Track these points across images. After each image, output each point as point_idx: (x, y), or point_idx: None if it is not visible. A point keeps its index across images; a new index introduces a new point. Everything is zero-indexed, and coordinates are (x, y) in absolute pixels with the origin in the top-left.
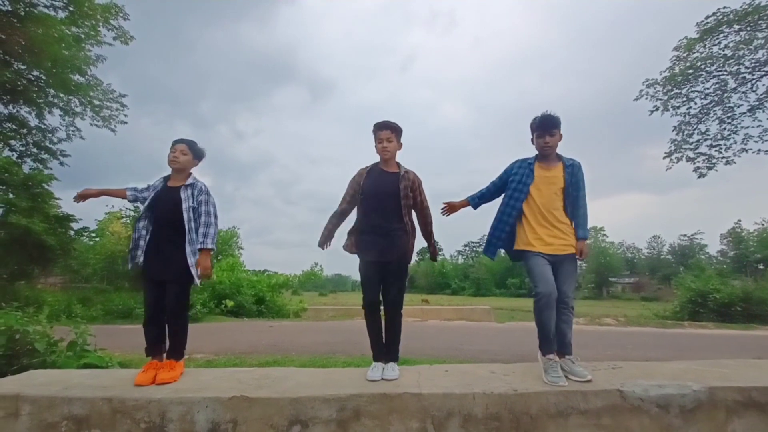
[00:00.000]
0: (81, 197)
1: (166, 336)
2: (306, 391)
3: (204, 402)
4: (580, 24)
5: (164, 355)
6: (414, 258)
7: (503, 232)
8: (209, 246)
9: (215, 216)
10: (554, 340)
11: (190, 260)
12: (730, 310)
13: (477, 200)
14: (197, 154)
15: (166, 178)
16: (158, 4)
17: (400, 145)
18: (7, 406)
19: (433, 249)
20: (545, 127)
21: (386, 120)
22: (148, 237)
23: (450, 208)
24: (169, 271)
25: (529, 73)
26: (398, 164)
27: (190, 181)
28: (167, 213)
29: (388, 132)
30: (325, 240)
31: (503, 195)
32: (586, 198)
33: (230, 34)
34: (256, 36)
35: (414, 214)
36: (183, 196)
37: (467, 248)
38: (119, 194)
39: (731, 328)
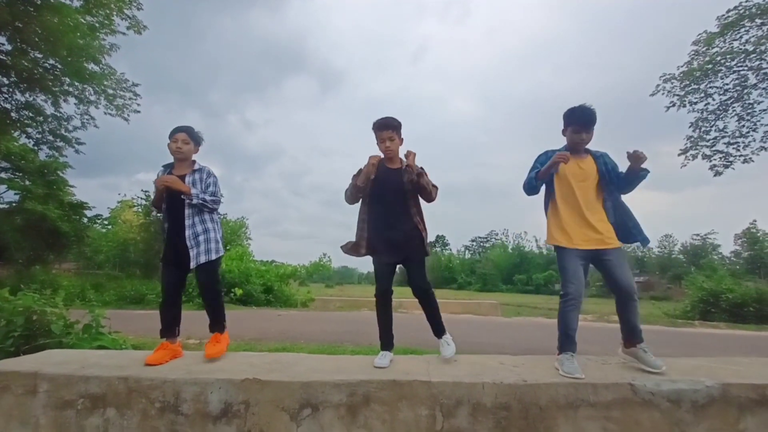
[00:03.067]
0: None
1: (180, 318)
2: (317, 375)
3: (217, 383)
4: (594, 15)
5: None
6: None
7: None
8: (205, 198)
9: (220, 194)
10: (574, 340)
11: (200, 239)
12: (742, 310)
13: (543, 181)
14: (197, 141)
15: (168, 167)
16: None
17: (401, 141)
18: (26, 383)
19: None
20: (585, 123)
21: (385, 118)
22: (167, 227)
23: (563, 158)
24: (186, 253)
25: (542, 65)
26: (401, 160)
27: (196, 166)
28: (174, 200)
29: (389, 131)
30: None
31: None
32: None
33: (241, 23)
34: (267, 24)
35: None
36: (188, 180)
37: (474, 243)
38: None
39: (744, 328)
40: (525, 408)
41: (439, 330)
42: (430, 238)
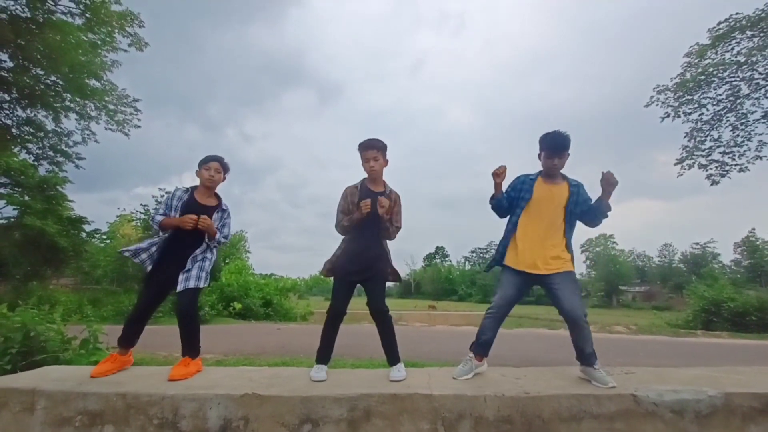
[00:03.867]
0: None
1: (141, 333)
2: (316, 390)
3: (216, 399)
4: (589, 26)
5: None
6: (420, 264)
7: (501, 246)
8: (220, 240)
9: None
10: (484, 345)
11: (196, 266)
12: (744, 319)
13: (498, 200)
14: (227, 170)
15: (192, 189)
16: (167, 6)
17: (386, 162)
18: (24, 400)
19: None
20: (556, 149)
21: (371, 139)
22: (164, 243)
23: (501, 172)
24: (184, 278)
25: (538, 77)
26: (384, 183)
27: (224, 206)
28: (191, 231)
29: (374, 152)
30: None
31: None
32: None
33: (239, 37)
34: (265, 38)
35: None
36: (215, 217)
37: (474, 254)
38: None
39: (746, 337)
40: (528, 421)
41: (393, 357)
42: (430, 249)
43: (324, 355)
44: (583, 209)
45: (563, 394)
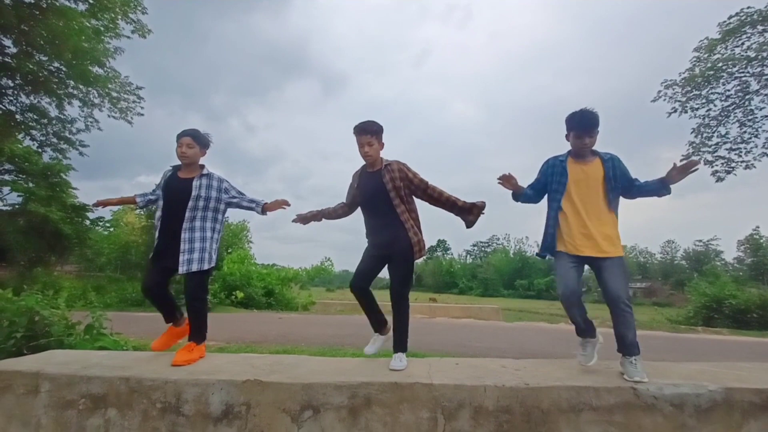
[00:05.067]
0: (102, 204)
1: (175, 304)
2: (318, 377)
3: (218, 384)
4: (595, 20)
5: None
6: (424, 258)
7: (549, 235)
8: (263, 201)
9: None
10: (585, 329)
11: (196, 246)
12: (745, 316)
13: (523, 196)
14: (203, 143)
15: (177, 168)
16: None
17: (381, 146)
18: (28, 383)
19: (469, 210)
20: (586, 128)
21: (365, 123)
22: (159, 226)
23: (506, 180)
24: (185, 260)
25: (544, 70)
26: (382, 160)
27: (205, 172)
28: (176, 202)
29: (368, 136)
30: (306, 218)
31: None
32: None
33: (243, 26)
34: (269, 27)
35: (425, 198)
36: (195, 184)
37: (476, 248)
38: (130, 201)
39: (747, 334)
40: (527, 411)
41: (396, 342)
42: (431, 242)
43: (374, 323)
44: (626, 184)
45: (563, 385)
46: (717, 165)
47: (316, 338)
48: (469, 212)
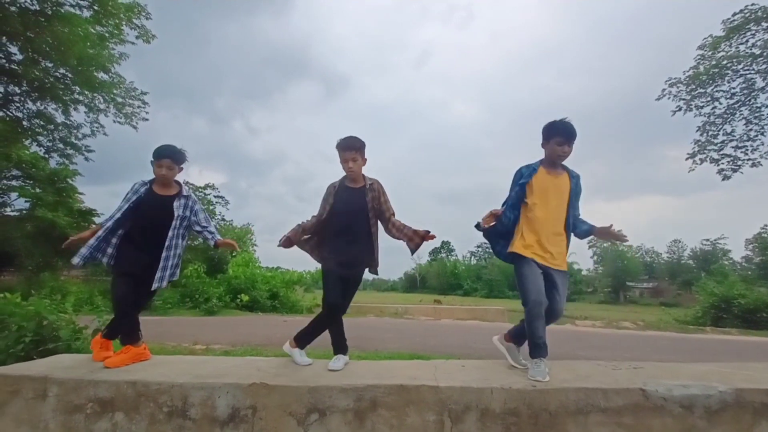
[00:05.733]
0: (74, 243)
1: (139, 323)
2: (324, 380)
3: (225, 388)
4: (596, 19)
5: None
6: (426, 258)
7: (500, 224)
8: (218, 237)
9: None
10: (545, 346)
11: (170, 263)
12: (755, 316)
13: (503, 221)
14: (180, 162)
15: (150, 182)
16: None
17: (364, 161)
18: (36, 387)
19: (416, 239)
20: (569, 136)
21: (348, 139)
22: (118, 239)
23: (489, 219)
24: (149, 271)
25: (545, 70)
26: (363, 177)
27: (184, 192)
28: (154, 219)
29: (352, 152)
30: (289, 240)
31: (510, 192)
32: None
33: (245, 28)
34: (271, 30)
35: (382, 222)
36: (176, 204)
37: (480, 249)
38: (96, 230)
39: (756, 334)
40: (534, 414)
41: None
42: (436, 243)
43: (338, 345)
44: (575, 205)
45: (570, 387)
46: (723, 163)
47: (321, 341)
48: (416, 245)
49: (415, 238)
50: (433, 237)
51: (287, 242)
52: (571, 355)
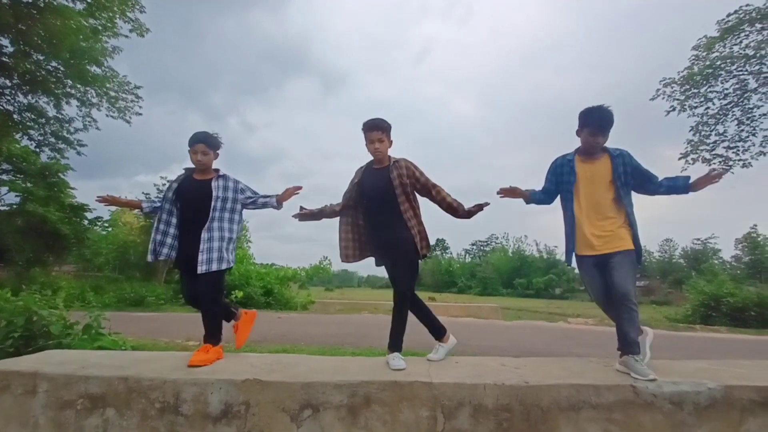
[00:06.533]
0: (107, 201)
1: (227, 308)
2: (317, 376)
3: (218, 384)
4: (595, 16)
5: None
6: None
7: (569, 240)
8: (275, 195)
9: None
10: (634, 340)
11: (214, 245)
12: (743, 314)
13: (534, 199)
14: (215, 147)
15: (191, 170)
16: None
17: (390, 143)
18: (26, 383)
19: (469, 211)
20: (603, 126)
21: (375, 119)
22: (174, 230)
23: (508, 192)
24: (204, 259)
25: (544, 66)
26: (389, 158)
27: (221, 173)
28: (197, 203)
29: (378, 132)
30: (307, 216)
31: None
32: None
33: (241, 23)
34: (268, 25)
35: (429, 198)
36: (214, 185)
37: (474, 247)
38: (136, 206)
39: (745, 332)
40: (527, 410)
41: (391, 342)
42: (431, 240)
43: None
44: (640, 180)
45: (562, 383)
46: (715, 163)
47: (316, 338)
48: (467, 215)
49: (459, 216)
50: (486, 204)
51: (306, 215)
52: (565, 352)
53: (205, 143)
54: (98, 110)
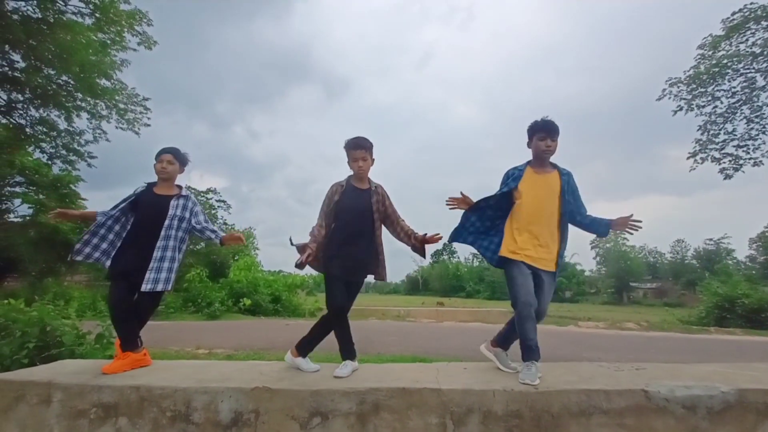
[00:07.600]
0: (60, 216)
1: (137, 331)
2: (326, 383)
3: (228, 392)
4: (597, 19)
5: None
6: (428, 260)
7: (480, 224)
8: (221, 233)
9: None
10: (537, 348)
11: (164, 266)
12: (759, 316)
13: (479, 207)
14: (183, 162)
15: (151, 184)
16: (172, 2)
17: (372, 161)
18: (40, 393)
19: (421, 242)
20: (550, 130)
21: (357, 138)
22: (114, 238)
23: (459, 202)
24: (144, 274)
25: (546, 70)
26: (369, 180)
27: (183, 193)
28: (151, 218)
29: (362, 151)
30: (310, 257)
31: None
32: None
33: (245, 32)
34: (271, 33)
35: (389, 227)
36: (172, 203)
37: None
38: (90, 217)
39: (761, 334)
40: (537, 416)
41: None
42: (438, 245)
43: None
44: (573, 207)
45: (573, 389)
46: (725, 162)
47: (323, 344)
48: (421, 250)
49: (415, 249)
50: (439, 238)
51: (309, 256)
52: (575, 356)
53: (173, 154)
54: (108, 122)
